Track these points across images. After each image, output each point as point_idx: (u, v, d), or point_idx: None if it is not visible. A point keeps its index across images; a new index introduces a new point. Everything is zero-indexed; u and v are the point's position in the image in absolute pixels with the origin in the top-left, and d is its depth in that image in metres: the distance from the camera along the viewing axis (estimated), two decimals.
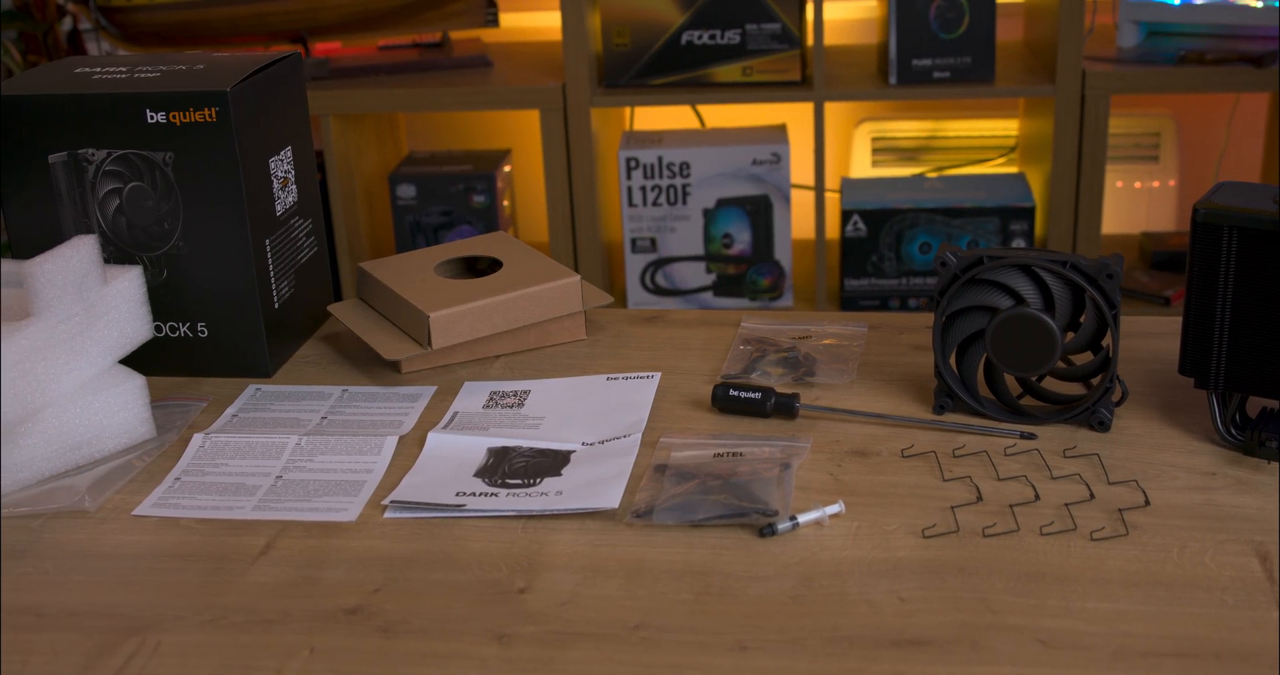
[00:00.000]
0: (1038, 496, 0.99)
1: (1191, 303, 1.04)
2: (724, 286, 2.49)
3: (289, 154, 1.26)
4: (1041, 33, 2.47)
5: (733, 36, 2.36)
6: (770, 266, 2.47)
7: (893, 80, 2.36)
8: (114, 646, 0.87)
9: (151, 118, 1.17)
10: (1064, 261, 1.05)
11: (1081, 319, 1.07)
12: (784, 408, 1.11)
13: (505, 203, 2.61)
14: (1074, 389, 1.14)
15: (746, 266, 2.47)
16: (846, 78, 2.44)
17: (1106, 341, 1.08)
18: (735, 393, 1.12)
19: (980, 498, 0.99)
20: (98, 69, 1.24)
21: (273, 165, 1.23)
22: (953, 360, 1.11)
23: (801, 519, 0.96)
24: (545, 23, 2.77)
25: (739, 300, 2.49)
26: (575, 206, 2.45)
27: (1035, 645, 0.83)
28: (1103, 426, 1.07)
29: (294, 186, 1.28)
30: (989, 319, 1.08)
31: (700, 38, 2.37)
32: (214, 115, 1.16)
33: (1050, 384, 1.13)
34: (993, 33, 2.33)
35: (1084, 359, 1.12)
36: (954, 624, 0.86)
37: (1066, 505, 0.98)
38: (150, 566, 0.96)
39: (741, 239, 2.46)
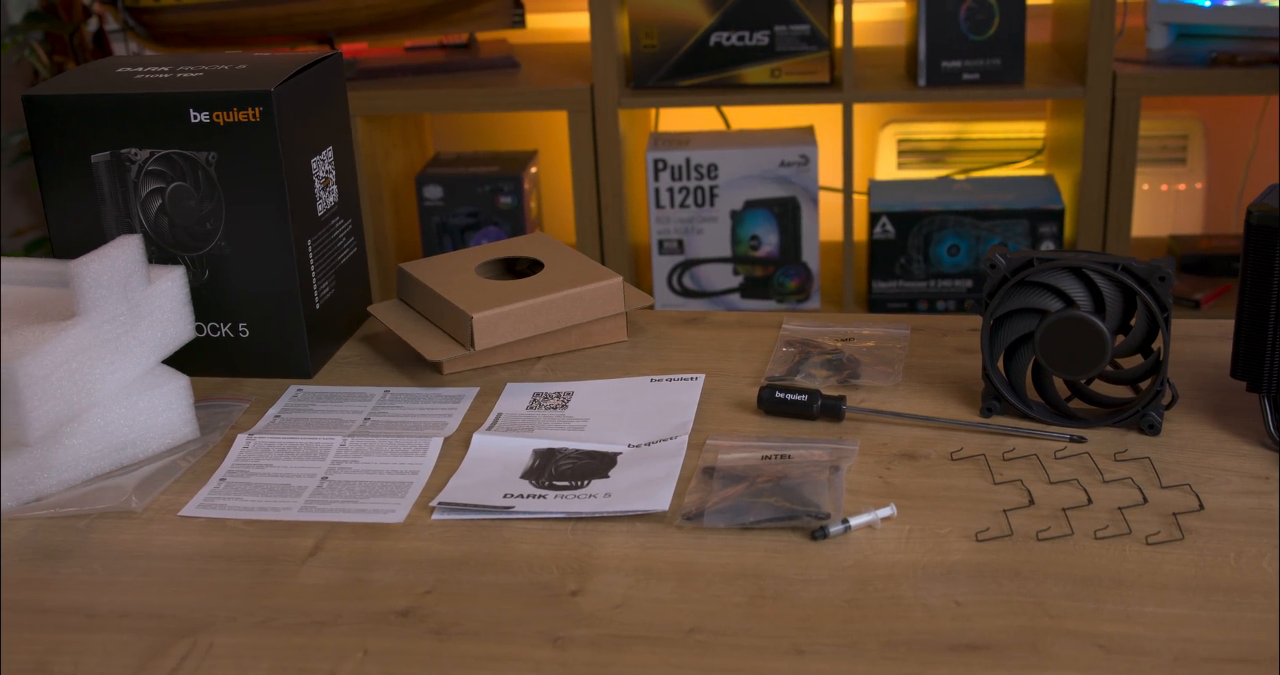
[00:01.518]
0: (1090, 500, 0.98)
1: (1244, 306, 1.03)
2: (751, 288, 2.48)
3: (330, 154, 1.26)
4: (1070, 34, 2.46)
5: (761, 38, 2.35)
6: (798, 268, 2.46)
7: (922, 82, 2.35)
8: (166, 647, 0.87)
9: (195, 117, 1.17)
10: (1115, 263, 1.04)
11: (1132, 322, 1.06)
12: (831, 410, 1.11)
13: (532, 204, 2.61)
14: (1120, 392, 1.13)
15: (774, 268, 2.47)
16: (875, 79, 2.44)
17: (1156, 344, 1.07)
18: (782, 395, 1.11)
19: (1032, 501, 0.99)
20: (139, 69, 1.24)
21: (314, 165, 1.23)
22: (1000, 363, 1.10)
23: (853, 522, 0.96)
24: (571, 24, 2.76)
25: (766, 302, 2.48)
26: (603, 208, 2.44)
27: (1095, 650, 0.83)
28: (1153, 430, 1.07)
29: (334, 187, 1.27)
30: (1038, 321, 1.07)
31: (729, 39, 2.36)
32: (258, 115, 1.16)
33: (1098, 387, 1.13)
34: (1023, 34, 2.32)
35: (1130, 362, 1.11)
36: (1012, 628, 0.85)
37: (1120, 509, 0.97)
38: (199, 567, 0.96)
39: (769, 241, 2.45)
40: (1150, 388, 1.06)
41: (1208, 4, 2.39)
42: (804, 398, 1.11)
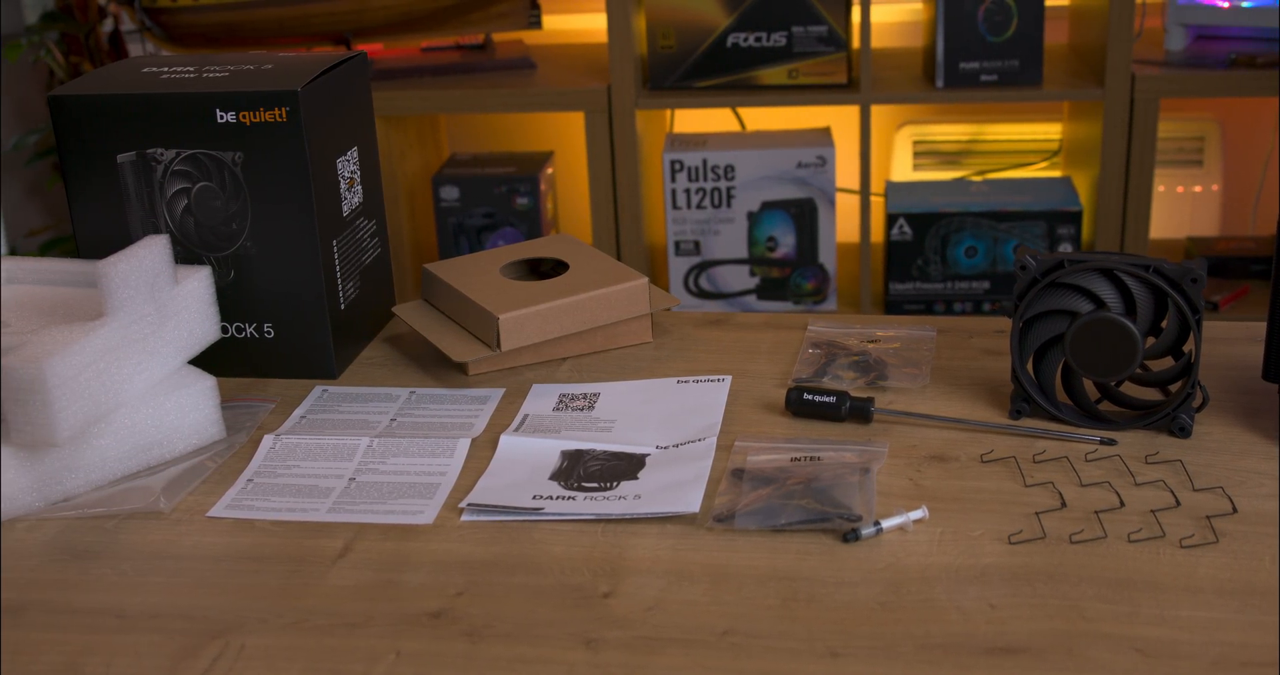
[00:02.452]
0: (1122, 503, 0.98)
1: (1277, 308, 1.03)
2: (768, 290, 2.48)
3: (355, 154, 1.26)
4: (1087, 36, 2.45)
5: (779, 39, 2.35)
6: (814, 270, 2.46)
7: (940, 83, 2.35)
8: (198, 649, 0.86)
9: (221, 117, 1.17)
10: (1147, 265, 1.04)
11: (1163, 324, 1.06)
12: (859, 412, 1.10)
13: (548, 205, 2.61)
14: (1149, 394, 1.12)
15: (790, 270, 2.46)
16: (892, 80, 2.43)
17: (1187, 347, 1.06)
18: (810, 396, 1.11)
19: (1064, 504, 0.98)
20: (164, 69, 1.23)
21: (340, 166, 1.23)
22: (1029, 364, 1.10)
23: (885, 524, 0.95)
24: (587, 25, 2.76)
25: (783, 304, 2.48)
26: (619, 209, 2.44)
27: (1133, 654, 0.82)
28: (1184, 432, 1.06)
29: (359, 187, 1.27)
30: (1068, 323, 1.07)
31: (746, 40, 2.36)
32: (284, 115, 1.16)
33: (1126, 389, 1.12)
34: (1041, 36, 2.32)
35: (1157, 365, 1.11)
36: (1048, 632, 0.84)
37: (1153, 512, 0.96)
38: (229, 568, 0.95)
39: (786, 242, 2.45)
40: (1181, 390, 1.06)
41: (1226, 5, 2.39)
42: (832, 399, 1.11)
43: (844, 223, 2.65)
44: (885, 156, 2.81)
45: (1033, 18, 2.31)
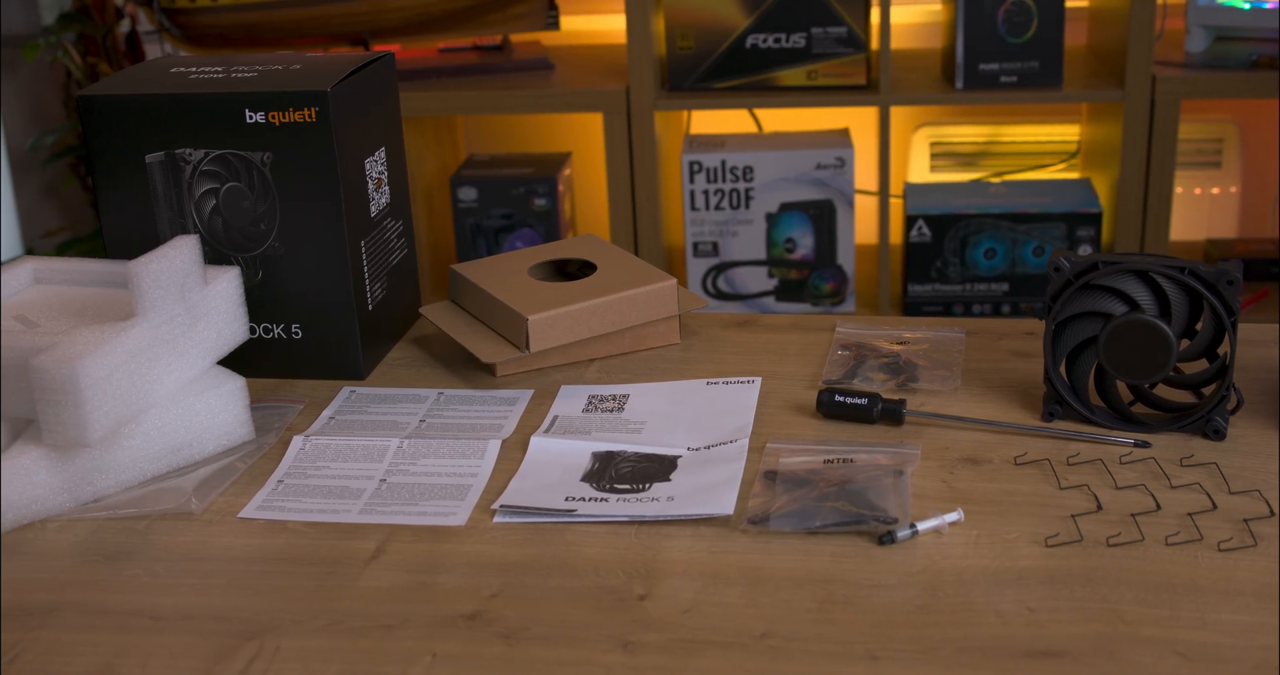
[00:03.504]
0: (1159, 506, 0.97)
1: None
2: (786, 291, 2.47)
3: (382, 155, 1.26)
4: (1107, 37, 2.45)
5: (798, 40, 2.35)
6: (833, 272, 2.45)
7: (959, 84, 2.34)
8: (233, 650, 0.86)
9: (250, 118, 1.16)
10: (1182, 267, 1.03)
11: (1197, 326, 1.06)
12: (891, 414, 1.10)
13: (566, 206, 2.60)
14: (1181, 396, 1.12)
15: (809, 271, 2.46)
16: (911, 82, 2.43)
17: (1222, 349, 1.06)
18: (841, 398, 1.11)
19: (1100, 507, 0.98)
20: (193, 69, 1.23)
21: (368, 166, 1.23)
22: (1062, 367, 1.10)
23: (921, 527, 0.95)
24: (604, 26, 2.76)
25: (801, 305, 2.47)
26: (637, 210, 2.44)
27: (1174, 657, 0.82)
28: (1218, 435, 1.06)
29: (386, 187, 1.27)
30: (1101, 325, 1.06)
31: (765, 41, 2.35)
32: (314, 115, 1.15)
33: (1159, 391, 1.12)
34: (1061, 37, 2.31)
35: (1192, 366, 1.10)
36: (1087, 635, 0.84)
37: (1190, 515, 0.96)
38: (261, 570, 0.95)
39: (804, 244, 2.44)
40: (1216, 392, 1.05)
41: (1247, 7, 2.38)
42: (864, 401, 1.10)
43: (861, 224, 2.65)
44: (902, 158, 2.80)
45: (1053, 19, 2.30)
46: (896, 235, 2.62)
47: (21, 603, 0.92)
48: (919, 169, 2.77)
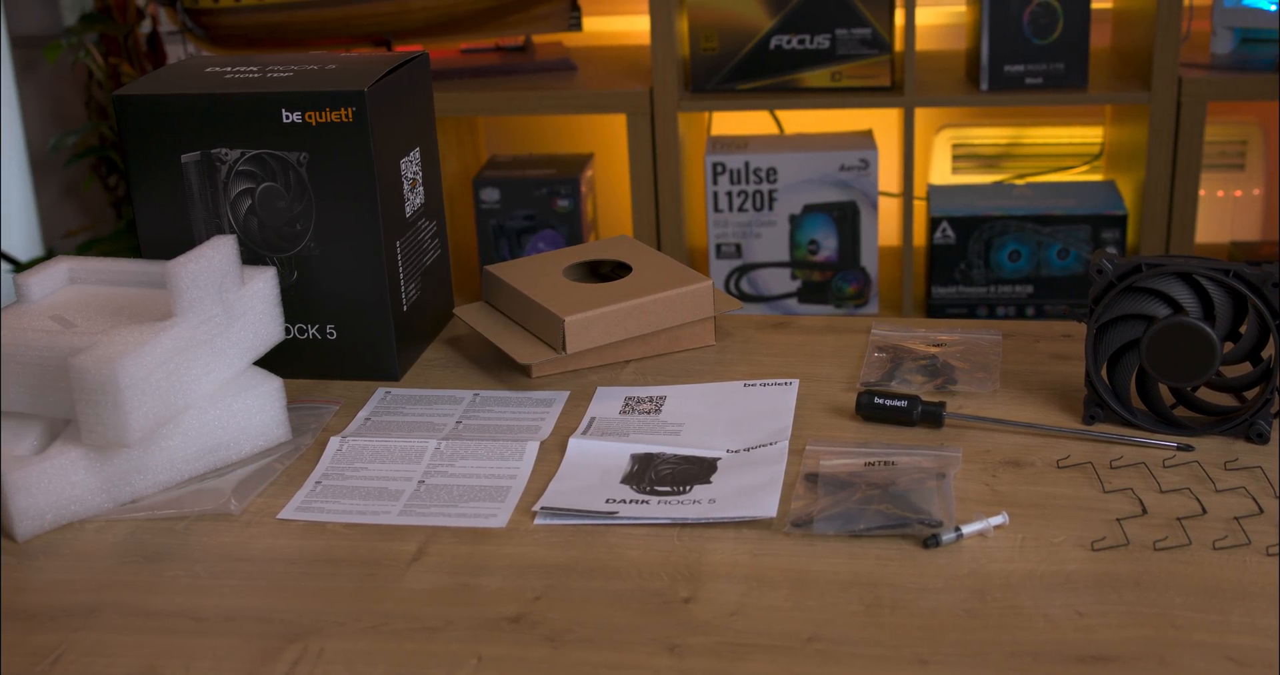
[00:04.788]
0: (1204, 510, 0.97)
1: None
2: (809, 293, 2.47)
3: (417, 155, 1.25)
4: (1131, 39, 2.44)
5: (822, 41, 2.34)
6: (856, 273, 2.45)
7: (984, 86, 2.33)
8: (277, 652, 0.86)
9: (287, 117, 1.16)
10: (1227, 270, 1.02)
11: (1241, 329, 1.05)
12: (931, 416, 1.09)
13: (588, 207, 2.60)
14: (1223, 399, 1.11)
15: (832, 273, 2.45)
16: (934, 83, 2.42)
17: (1266, 352, 1.05)
18: (881, 400, 1.10)
19: (1145, 510, 0.97)
20: (228, 68, 1.23)
21: (403, 166, 1.22)
22: (1103, 369, 1.09)
23: (965, 530, 0.94)
24: (626, 27, 2.75)
25: (824, 307, 2.47)
26: (660, 211, 2.43)
27: (1226, 663, 0.81)
28: (1261, 439, 1.05)
29: (421, 188, 1.26)
30: (1144, 327, 1.05)
31: (789, 42, 2.34)
32: (350, 115, 1.15)
33: (1201, 394, 1.11)
34: (1086, 39, 2.30)
35: (1234, 369, 1.09)
36: (1138, 640, 0.83)
37: (1236, 519, 0.95)
38: (302, 571, 0.95)
39: (828, 245, 2.44)
40: (1260, 395, 1.04)
41: (1274, 8, 2.37)
42: (903, 404, 1.10)
43: (883, 226, 2.64)
44: (924, 160, 2.79)
45: (1078, 20, 2.29)
46: (920, 237, 2.61)
47: (62, 603, 0.92)
48: (940, 171, 2.76)
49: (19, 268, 2.80)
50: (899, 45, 2.36)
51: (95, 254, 2.85)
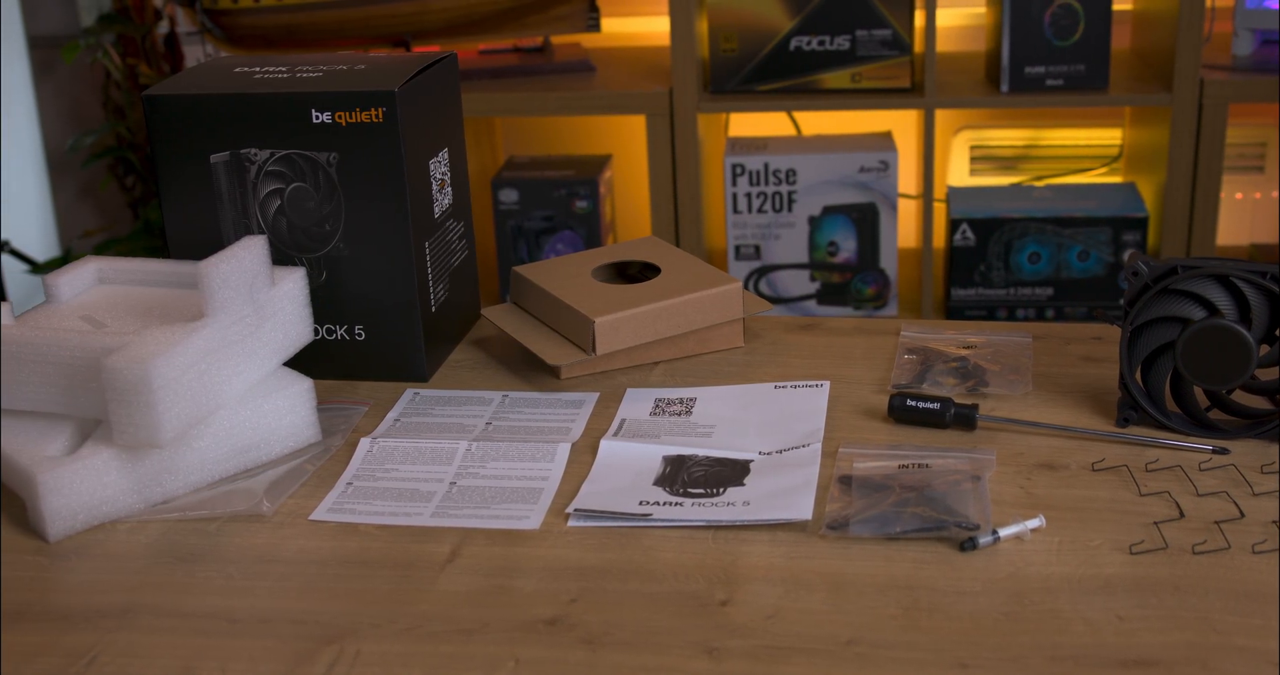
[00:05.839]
0: (1242, 514, 0.96)
1: None
2: (828, 295, 2.46)
3: (445, 156, 1.25)
4: (1151, 40, 2.43)
5: (842, 42, 2.33)
6: (875, 275, 2.44)
7: (1004, 88, 2.33)
8: (313, 654, 0.85)
9: (317, 118, 1.16)
10: (1263, 271, 1.02)
11: (1278, 332, 1.04)
12: (963, 419, 1.09)
13: (607, 208, 2.60)
14: (1257, 402, 1.10)
15: (851, 275, 2.45)
16: (954, 85, 2.41)
17: None
18: (914, 403, 1.09)
19: (1182, 514, 0.96)
20: (257, 68, 1.23)
21: (432, 167, 1.22)
22: (1137, 372, 1.08)
23: (1002, 533, 0.94)
24: (645, 28, 2.75)
25: (843, 309, 2.46)
26: (679, 213, 2.43)
27: (1269, 668, 0.80)
28: None
29: (449, 189, 1.26)
30: (1179, 330, 1.05)
31: (809, 44, 2.34)
32: (380, 116, 1.15)
33: (1235, 396, 1.10)
34: (1108, 40, 2.30)
35: (1267, 372, 1.09)
36: (1179, 644, 0.83)
37: (1274, 523, 0.95)
38: (336, 573, 0.94)
39: (847, 247, 2.43)
40: None
41: None
42: (936, 406, 1.09)
43: (901, 227, 2.63)
44: (942, 161, 2.79)
45: (1100, 21, 2.29)
46: (939, 239, 2.60)
47: (95, 604, 0.92)
48: (958, 172, 2.75)
49: (36, 268, 2.80)
50: (919, 46, 2.35)
51: (112, 254, 2.85)
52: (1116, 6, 2.45)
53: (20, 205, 2.90)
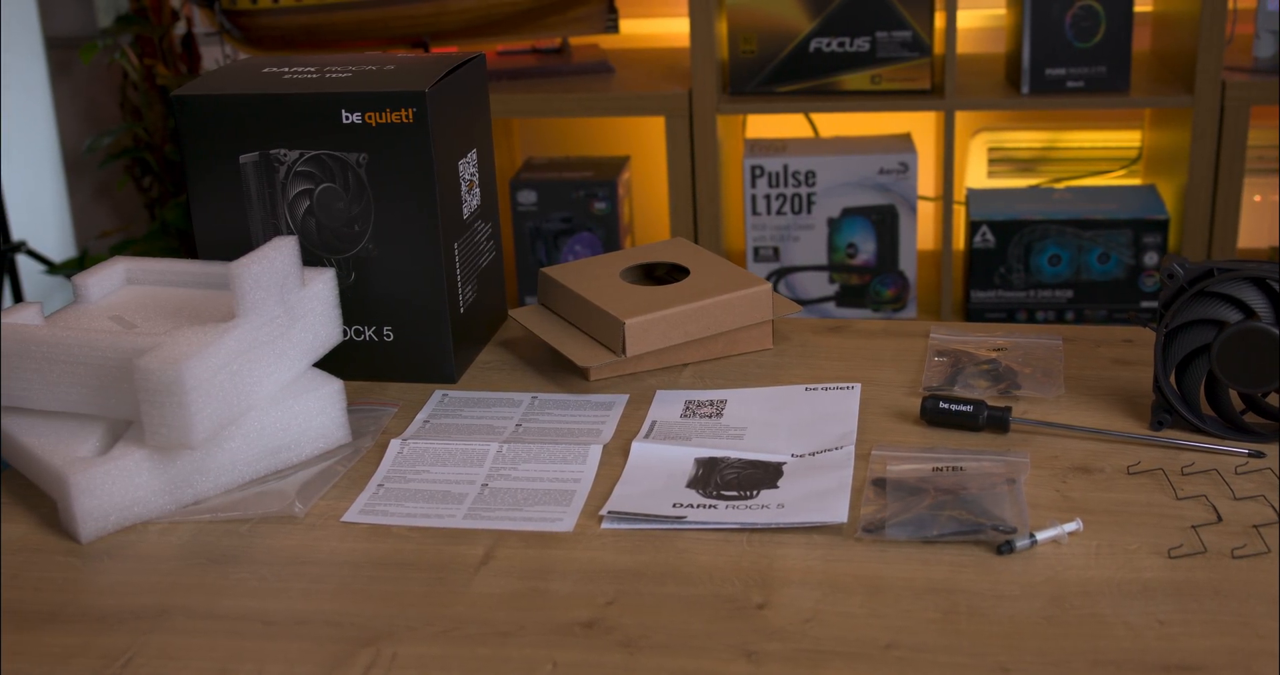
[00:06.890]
0: None
1: None
2: (847, 297, 2.46)
3: (474, 157, 1.25)
4: (1172, 42, 2.42)
5: (862, 44, 2.33)
6: (894, 277, 2.44)
7: (1025, 89, 2.32)
8: (349, 657, 0.85)
9: (347, 118, 1.15)
10: None
11: None
12: (996, 421, 1.08)
13: (625, 210, 2.59)
14: None
15: (870, 277, 2.44)
16: (974, 86, 2.41)
17: None
18: (946, 405, 1.09)
19: (1220, 518, 0.96)
20: (286, 69, 1.23)
21: (461, 168, 1.22)
22: (1172, 375, 1.08)
23: (1040, 537, 0.93)
24: (663, 29, 2.74)
25: (862, 311, 2.46)
26: (698, 214, 2.42)
27: None
28: None
29: (478, 190, 1.26)
30: (1215, 333, 1.04)
31: (829, 45, 2.34)
32: (411, 116, 1.15)
33: (1270, 399, 1.10)
34: (1129, 42, 2.29)
35: None
36: (1222, 649, 0.82)
37: None
38: (370, 575, 0.94)
39: (866, 249, 2.43)
40: None
41: None
42: (969, 409, 1.09)
43: (921, 230, 2.63)
44: (960, 163, 2.78)
45: (1121, 23, 2.28)
46: (958, 241, 2.59)
47: (129, 606, 0.92)
48: (976, 174, 2.74)
49: (53, 268, 2.80)
50: (939, 48, 2.35)
51: (129, 255, 2.85)
52: (1137, 8, 2.44)
53: (37, 206, 2.90)
